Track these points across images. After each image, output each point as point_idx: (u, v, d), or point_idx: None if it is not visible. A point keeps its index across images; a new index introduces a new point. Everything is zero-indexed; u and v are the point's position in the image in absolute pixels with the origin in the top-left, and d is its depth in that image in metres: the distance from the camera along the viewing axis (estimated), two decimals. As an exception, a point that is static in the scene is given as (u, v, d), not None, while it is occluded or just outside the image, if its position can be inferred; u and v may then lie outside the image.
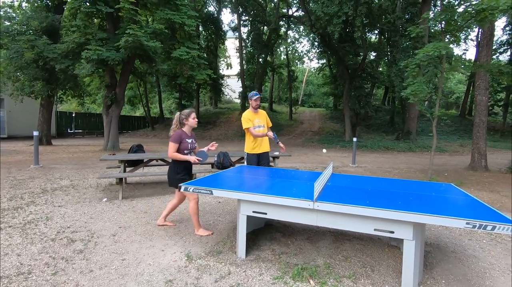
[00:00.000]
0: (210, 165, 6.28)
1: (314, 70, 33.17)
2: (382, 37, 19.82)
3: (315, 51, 24.77)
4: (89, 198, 4.62)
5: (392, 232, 2.12)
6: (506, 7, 5.07)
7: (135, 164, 5.39)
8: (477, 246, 3.11)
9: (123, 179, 5.15)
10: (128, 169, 5.34)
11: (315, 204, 2.18)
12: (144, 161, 5.37)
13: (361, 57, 17.98)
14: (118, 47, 9.77)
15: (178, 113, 3.25)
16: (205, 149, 3.31)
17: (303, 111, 29.43)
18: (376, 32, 20.24)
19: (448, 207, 2.15)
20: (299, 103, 34.16)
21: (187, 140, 3.16)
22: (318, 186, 2.36)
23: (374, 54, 20.17)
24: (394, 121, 21.76)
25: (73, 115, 22.34)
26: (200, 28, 21.43)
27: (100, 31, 10.94)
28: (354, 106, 17.80)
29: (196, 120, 3.22)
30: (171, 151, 3.08)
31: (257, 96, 4.00)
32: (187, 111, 3.19)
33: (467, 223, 1.82)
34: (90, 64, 10.17)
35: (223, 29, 24.25)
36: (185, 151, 3.15)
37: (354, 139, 9.58)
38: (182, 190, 2.62)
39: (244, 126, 3.97)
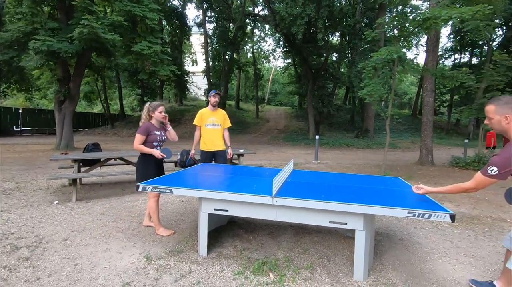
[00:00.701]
0: (174, 163, 6.14)
1: (279, 69, 33.81)
2: (343, 40, 20.78)
3: (281, 51, 25.22)
4: (37, 201, 4.27)
5: (345, 224, 2.27)
6: (447, 17, 5.61)
7: (91, 163, 5.08)
8: (421, 233, 3.43)
9: (77, 180, 4.83)
10: (83, 169, 5.03)
11: (274, 199, 2.25)
12: (101, 160, 5.09)
13: (324, 58, 18.71)
14: (71, 38, 9.09)
15: (148, 103, 3.18)
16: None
17: (269, 109, 29.86)
18: (337, 34, 21.14)
19: (394, 199, 2.35)
20: (266, 101, 34.60)
21: (155, 132, 3.07)
22: (277, 182, 2.43)
23: (335, 55, 21.10)
24: (354, 120, 22.99)
25: (20, 111, 20.30)
26: (164, 22, 20.70)
27: (50, 20, 10.08)
28: (317, 105, 18.49)
29: (164, 114, 3.13)
30: (136, 143, 2.99)
31: (214, 93, 4.03)
32: (155, 104, 3.14)
33: (408, 213, 2.01)
34: (38, 56, 9.34)
35: (188, 24, 23.66)
36: (154, 143, 3.07)
37: (317, 137, 9.96)
38: (140, 190, 2.54)
39: (194, 122, 4.12)
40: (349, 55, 19.20)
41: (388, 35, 14.65)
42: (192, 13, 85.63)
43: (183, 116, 23.39)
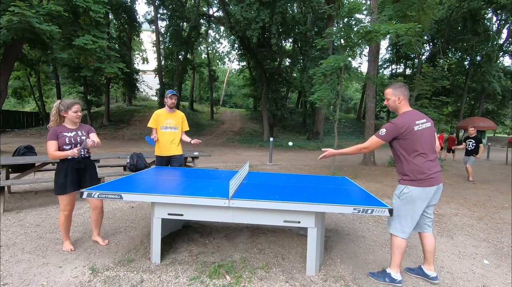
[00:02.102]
0: (122, 167, 5.76)
1: (234, 71, 33.92)
2: (296, 46, 21.71)
3: (236, 53, 25.35)
4: (-48, 214, 3.65)
5: (299, 222, 2.37)
6: (385, 32, 6.25)
7: (22, 169, 4.51)
8: (365, 227, 3.74)
9: (5, 187, 4.25)
10: (13, 175, 4.43)
11: (230, 201, 2.26)
12: (36, 165, 4.55)
13: (277, 63, 19.31)
14: (-2, 26, 7.97)
15: (58, 101, 2.73)
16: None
17: (224, 111, 29.76)
18: (290, 40, 22.02)
19: (341, 197, 2.53)
20: (221, 103, 34.39)
21: (65, 133, 2.67)
22: (234, 184, 2.45)
23: (288, 60, 21.91)
24: (306, 123, 24.13)
25: None
26: (110, 16, 19.28)
27: (-31, 3, 8.70)
28: (271, 108, 18.98)
29: (79, 114, 2.73)
30: (49, 151, 2.60)
31: (171, 94, 3.80)
32: (69, 102, 2.70)
33: (354, 209, 2.19)
34: (-47, 44, 8.00)
35: (138, 20, 22.41)
36: (65, 147, 2.66)
37: (271, 139, 10.22)
38: (84, 197, 2.34)
39: (148, 124, 3.83)
40: (301, 61, 20.11)
41: (335, 44, 15.74)
42: (142, 8, 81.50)
43: (132, 117, 22.06)
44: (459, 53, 25.21)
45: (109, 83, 20.63)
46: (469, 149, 7.36)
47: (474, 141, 7.32)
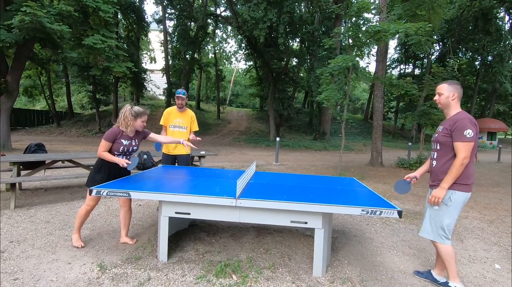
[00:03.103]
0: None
1: (241, 71, 33.94)
2: (303, 46, 21.62)
3: (243, 53, 25.37)
4: (-35, 209, 3.73)
5: (306, 223, 2.36)
6: (395, 31, 6.17)
7: (33, 166, 4.59)
8: (372, 229, 3.70)
9: (17, 184, 4.33)
10: (24, 172, 4.52)
11: (237, 201, 2.26)
12: (46, 162, 4.63)
13: (284, 62, 19.25)
14: (10, 26, 8.12)
15: (129, 106, 2.75)
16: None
17: (230, 110, 29.81)
18: (297, 40, 21.93)
19: (349, 198, 2.51)
20: (227, 102, 34.46)
21: (122, 141, 2.71)
22: (241, 183, 2.44)
23: (296, 60, 21.84)
24: (312, 123, 24.01)
25: None
26: (119, 16, 19.50)
27: (-17, 4, 8.90)
28: (278, 108, 18.93)
29: (145, 124, 2.82)
30: (100, 150, 2.66)
31: (178, 95, 3.73)
32: (140, 110, 2.76)
33: (362, 210, 2.16)
34: (-33, 43, 8.18)
35: (146, 20, 22.61)
36: (116, 153, 2.72)
37: (277, 139, 10.20)
38: (93, 194, 2.36)
39: (160, 122, 3.90)
40: (308, 60, 20.03)
41: (343, 43, 15.61)
42: (151, 8, 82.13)
43: (140, 116, 22.23)
44: (470, 53, 24.78)
45: (117, 82, 20.86)
46: None
47: None
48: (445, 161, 2.21)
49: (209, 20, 22.86)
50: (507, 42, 22.38)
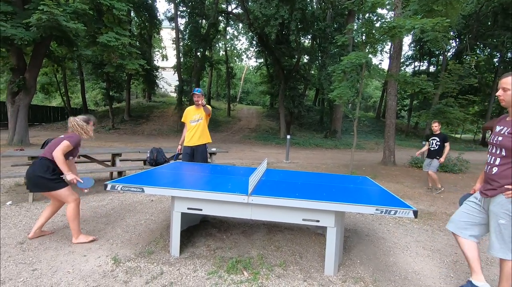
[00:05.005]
0: (142, 161, 5.91)
1: (252, 68, 33.90)
2: (314, 43, 21.36)
3: (253, 50, 25.29)
4: (-13, 202, 3.88)
5: (318, 221, 2.34)
6: (410, 27, 6.01)
7: (50, 161, 4.71)
8: (385, 229, 3.64)
9: (35, 178, 4.45)
10: (41, 167, 4.65)
11: (249, 198, 2.25)
12: (62, 157, 4.74)
13: (296, 60, 19.08)
14: (28, 24, 8.35)
15: (72, 118, 2.84)
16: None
17: (241, 108, 29.84)
18: (309, 37, 21.69)
19: (362, 197, 2.47)
20: (237, 100, 34.51)
21: (79, 148, 2.89)
22: (253, 181, 2.44)
23: (307, 57, 21.60)
24: (323, 121, 23.77)
25: (-36, 102, 18.21)
26: (132, 14, 19.75)
27: (3, 3, 9.16)
28: (288, 105, 18.82)
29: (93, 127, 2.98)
30: (61, 151, 2.58)
31: (194, 92, 4.17)
32: (86, 117, 2.91)
33: (376, 209, 2.12)
34: (-12, 42, 8.46)
35: (158, 17, 22.82)
36: (70, 157, 2.78)
37: (288, 137, 10.15)
38: (108, 189, 2.41)
39: (182, 120, 4.42)
40: (320, 58, 19.78)
41: (356, 40, 15.34)
42: (163, 6, 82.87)
43: (152, 113, 22.56)
44: (488, 50, 23.93)
45: (130, 80, 21.21)
46: (432, 149, 5.89)
47: (438, 140, 5.84)
48: (508, 167, 1.93)
49: (220, 18, 22.87)
50: (528, 38, 21.48)
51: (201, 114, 4.25)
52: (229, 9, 23.59)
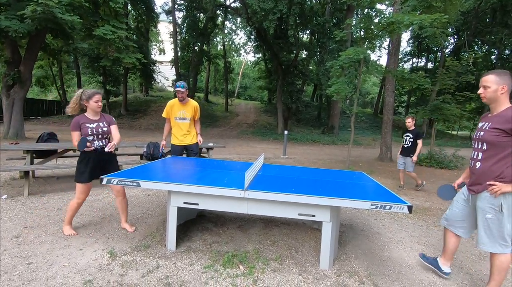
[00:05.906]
0: (139, 156, 5.89)
1: (250, 63, 33.69)
2: (313, 38, 21.25)
3: (252, 45, 25.12)
4: (-18, 195, 3.85)
5: (314, 216, 2.35)
6: (409, 23, 5.99)
7: (45, 155, 4.69)
8: (380, 224, 3.68)
9: (30, 172, 4.44)
10: (36, 160, 4.62)
11: (245, 192, 2.26)
12: (58, 151, 4.72)
13: (294, 55, 18.99)
14: (22, 16, 8.21)
15: (80, 90, 2.76)
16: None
17: (239, 103, 29.75)
18: (307, 32, 21.56)
19: (358, 192, 2.48)
20: (235, 95, 34.37)
21: (87, 125, 2.71)
22: (249, 175, 2.44)
23: (305, 53, 21.50)
24: (321, 117, 23.77)
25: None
26: (129, 7, 19.48)
27: (-3, -6, 9.00)
28: (286, 101, 18.78)
29: (99, 104, 2.76)
30: (74, 141, 2.67)
31: (177, 88, 3.73)
32: (90, 92, 2.73)
33: (371, 205, 2.14)
34: (-18, 34, 8.33)
35: (156, 11, 22.55)
36: (88, 138, 2.71)
37: (285, 132, 10.15)
38: (104, 183, 2.40)
39: (163, 114, 4.00)
40: (318, 53, 19.69)
41: (354, 36, 15.28)
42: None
43: (149, 107, 22.43)
44: (486, 47, 23.95)
45: (127, 74, 21.01)
46: (406, 145, 5.59)
47: (411, 136, 5.51)
48: (493, 162, 1.98)
49: (218, 11, 22.62)
50: (526, 36, 21.51)
51: (188, 113, 3.88)
52: (227, 2, 23.33)
